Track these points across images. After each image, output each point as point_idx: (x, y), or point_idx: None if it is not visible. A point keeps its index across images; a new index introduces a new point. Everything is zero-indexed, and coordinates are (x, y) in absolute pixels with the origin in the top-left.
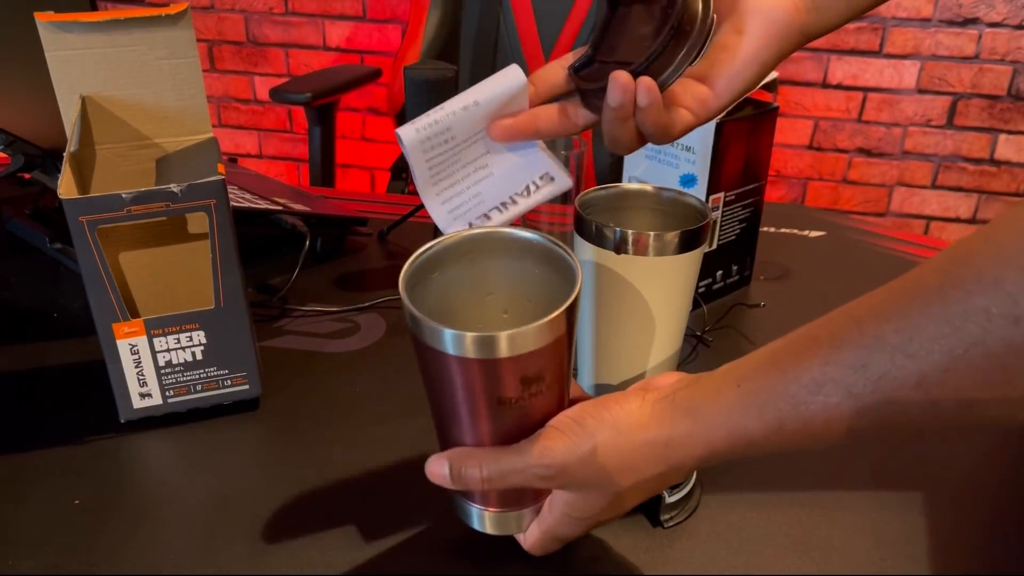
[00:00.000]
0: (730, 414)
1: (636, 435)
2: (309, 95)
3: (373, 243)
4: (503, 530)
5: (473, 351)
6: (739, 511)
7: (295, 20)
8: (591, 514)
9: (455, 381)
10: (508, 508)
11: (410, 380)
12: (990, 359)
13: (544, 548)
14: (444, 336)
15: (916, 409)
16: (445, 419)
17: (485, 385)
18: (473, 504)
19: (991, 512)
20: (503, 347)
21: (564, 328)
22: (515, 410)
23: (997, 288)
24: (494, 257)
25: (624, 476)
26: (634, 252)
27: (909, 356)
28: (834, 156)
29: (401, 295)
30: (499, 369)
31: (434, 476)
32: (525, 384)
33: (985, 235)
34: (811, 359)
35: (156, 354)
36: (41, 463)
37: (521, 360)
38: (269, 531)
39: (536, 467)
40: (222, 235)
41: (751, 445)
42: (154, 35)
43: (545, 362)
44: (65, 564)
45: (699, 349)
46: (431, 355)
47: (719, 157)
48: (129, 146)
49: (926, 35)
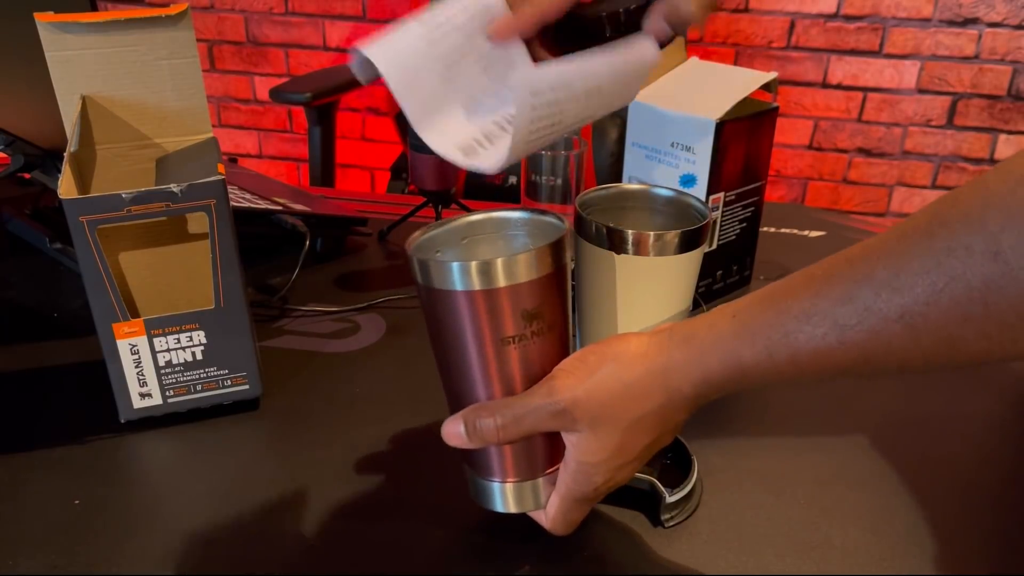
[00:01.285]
0: (724, 342)
1: (637, 365)
2: (309, 95)
3: (373, 243)
4: (522, 505)
5: (477, 280)
6: (739, 511)
7: (295, 20)
8: (605, 456)
9: (463, 322)
10: (523, 477)
11: (410, 380)
12: (970, 293)
13: (567, 517)
14: (451, 270)
15: (899, 342)
16: (455, 373)
17: (489, 321)
18: (492, 479)
19: (991, 512)
20: (500, 274)
21: (555, 265)
22: (519, 351)
23: (981, 226)
24: (490, 239)
25: (629, 406)
26: (634, 252)
27: (894, 290)
28: (834, 156)
29: (409, 252)
30: (500, 300)
31: (450, 437)
32: (526, 320)
33: (975, 182)
34: (804, 293)
35: (156, 354)
36: (41, 463)
37: (519, 291)
38: (269, 531)
39: (546, 406)
40: (222, 235)
41: (744, 373)
42: (154, 35)
43: (542, 297)
44: (65, 564)
45: None
46: (440, 299)
47: (719, 157)
48: (129, 146)
49: (926, 35)
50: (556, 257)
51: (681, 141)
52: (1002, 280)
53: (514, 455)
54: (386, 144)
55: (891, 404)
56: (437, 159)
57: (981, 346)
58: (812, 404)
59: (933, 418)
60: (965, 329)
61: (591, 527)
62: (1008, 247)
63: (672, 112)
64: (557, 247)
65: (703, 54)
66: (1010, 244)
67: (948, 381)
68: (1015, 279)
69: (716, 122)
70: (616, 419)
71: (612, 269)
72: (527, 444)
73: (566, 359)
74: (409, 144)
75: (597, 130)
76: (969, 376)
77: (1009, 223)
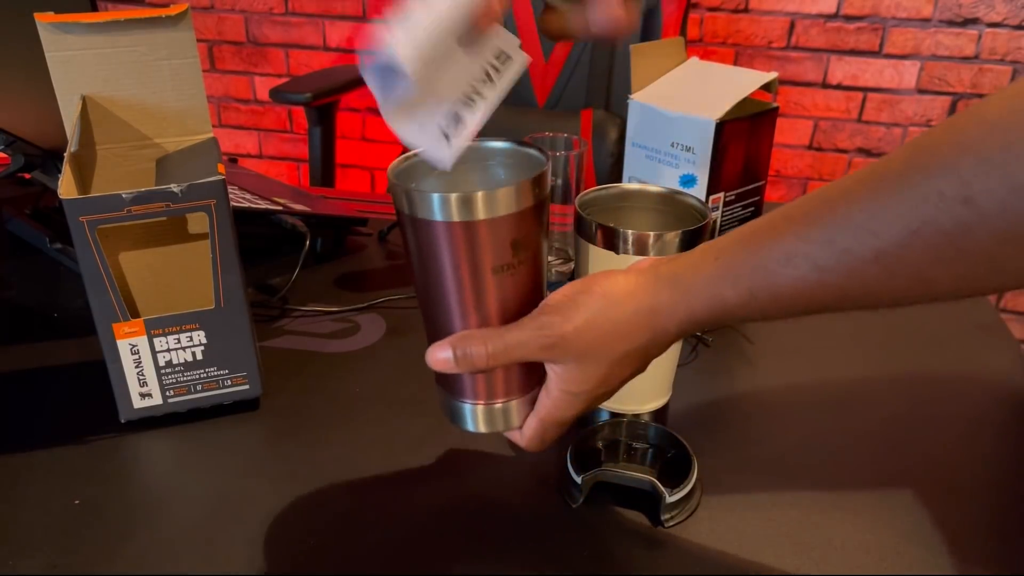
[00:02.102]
0: (708, 283)
1: (625, 304)
2: (309, 95)
3: (373, 243)
4: (493, 426)
5: (457, 212)
6: (739, 511)
7: (295, 20)
8: (588, 387)
9: (443, 251)
10: (496, 399)
11: (410, 380)
12: (942, 236)
13: (543, 438)
14: (432, 200)
15: (875, 282)
16: (435, 301)
17: (469, 252)
18: (464, 400)
19: (992, 512)
20: (480, 207)
21: (535, 199)
22: (498, 281)
23: (953, 171)
24: (468, 168)
25: (617, 343)
26: (634, 252)
27: (871, 233)
28: (834, 156)
29: (391, 180)
30: (480, 232)
31: (436, 362)
32: (505, 252)
33: (949, 124)
34: (784, 235)
35: (156, 354)
36: (41, 463)
37: (499, 223)
38: (269, 531)
39: (537, 339)
40: (222, 235)
41: (727, 312)
42: (154, 36)
43: (521, 231)
44: (65, 564)
45: (699, 349)
46: (421, 228)
47: (719, 157)
48: (129, 146)
49: (926, 35)
50: (536, 191)
51: (681, 141)
52: (972, 224)
53: (489, 379)
54: (386, 144)
55: (891, 405)
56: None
57: (953, 285)
58: (812, 404)
59: (933, 418)
60: (937, 270)
61: (591, 527)
62: (979, 192)
63: (672, 112)
64: (537, 182)
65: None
66: (981, 189)
67: (949, 382)
68: (984, 222)
69: (716, 122)
70: (603, 354)
71: (612, 269)
72: (504, 369)
73: (555, 294)
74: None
75: (597, 130)
76: (970, 376)
77: (980, 169)
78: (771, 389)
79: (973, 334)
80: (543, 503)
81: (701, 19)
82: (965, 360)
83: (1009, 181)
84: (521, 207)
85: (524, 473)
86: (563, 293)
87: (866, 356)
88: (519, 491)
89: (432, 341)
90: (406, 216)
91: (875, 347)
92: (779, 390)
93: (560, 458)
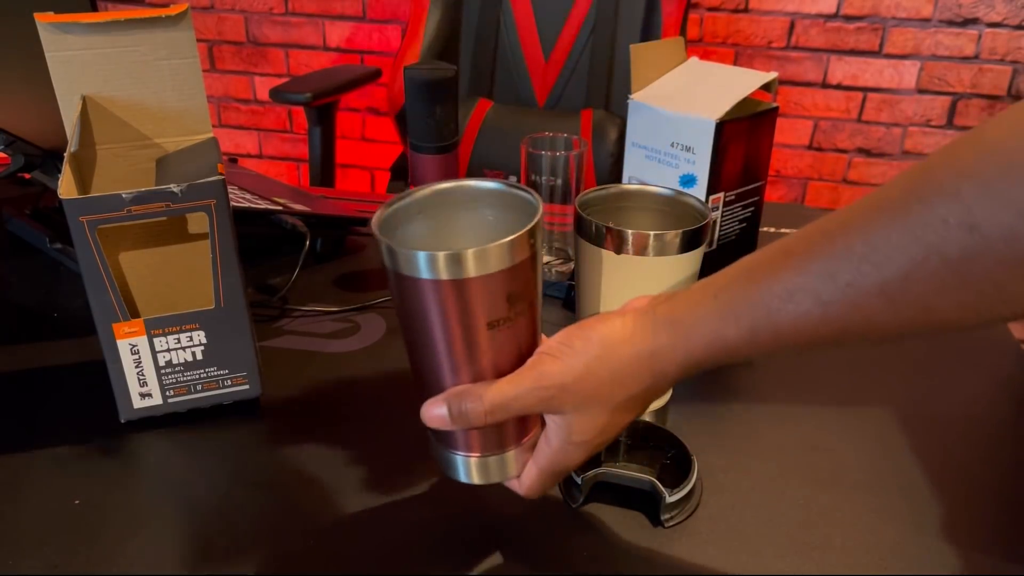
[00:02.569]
0: (708, 324)
1: (623, 349)
2: (309, 95)
3: (373, 243)
4: (488, 478)
5: (445, 271)
6: (739, 511)
7: (295, 20)
8: (590, 436)
9: (432, 309)
10: (491, 452)
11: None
12: (947, 265)
13: (543, 486)
14: (418, 259)
15: (879, 315)
16: (426, 357)
17: (460, 310)
18: (457, 452)
19: (992, 512)
20: (471, 265)
21: (528, 251)
22: (492, 337)
23: (955, 199)
24: (456, 211)
25: (617, 390)
26: (634, 252)
27: (874, 264)
28: (834, 156)
29: (376, 236)
30: (469, 290)
31: (432, 419)
32: (498, 308)
33: (947, 151)
34: (784, 270)
35: (156, 354)
36: (41, 463)
37: (491, 280)
38: (269, 531)
39: (535, 391)
40: (222, 235)
41: (728, 352)
42: (154, 36)
43: (514, 284)
44: (65, 564)
45: None
46: (408, 285)
47: (719, 157)
48: (130, 146)
49: (926, 35)
50: (530, 243)
51: (681, 141)
52: (977, 251)
53: (484, 431)
54: (386, 144)
55: (892, 404)
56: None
57: (957, 314)
58: (812, 405)
59: (934, 418)
60: (942, 299)
61: (591, 527)
62: (983, 218)
63: (672, 112)
64: (531, 233)
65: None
66: (984, 215)
67: (949, 381)
68: (990, 249)
69: (716, 122)
70: (603, 402)
71: (612, 269)
72: (498, 423)
73: (550, 341)
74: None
75: (597, 130)
76: (970, 376)
77: (983, 194)
78: (771, 389)
79: (973, 334)
80: (543, 503)
81: (701, 19)
82: (965, 360)
83: (1014, 206)
84: (515, 261)
85: None
86: (559, 340)
87: (866, 356)
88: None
89: (423, 396)
90: (391, 272)
91: (875, 347)
92: (779, 390)
93: None
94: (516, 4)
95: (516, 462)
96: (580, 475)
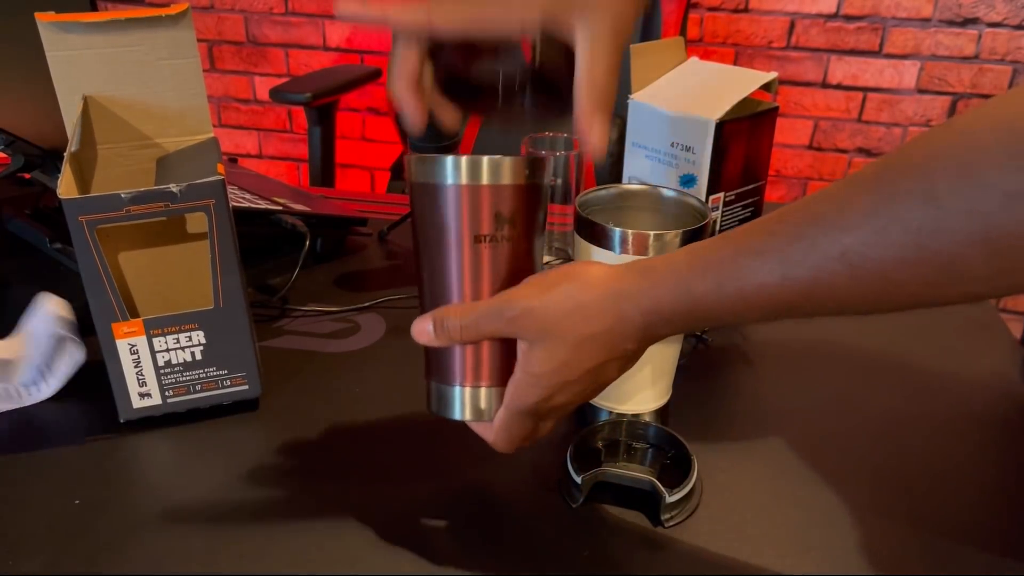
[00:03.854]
0: (677, 273)
1: (593, 288)
2: (309, 95)
3: (373, 243)
4: (475, 412)
5: (465, 173)
6: (739, 511)
7: (295, 20)
8: (549, 368)
9: (446, 214)
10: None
11: (410, 380)
12: (907, 234)
13: (509, 431)
14: (444, 162)
15: (840, 281)
16: (432, 270)
17: (469, 215)
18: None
19: (992, 512)
20: (485, 172)
21: (533, 178)
22: (490, 251)
23: (923, 174)
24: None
25: (580, 324)
26: (634, 252)
27: (839, 229)
28: (834, 156)
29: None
30: (481, 196)
31: (419, 334)
32: (500, 222)
33: (923, 136)
34: (758, 233)
35: (155, 354)
36: (41, 463)
37: (498, 191)
38: (269, 531)
39: (502, 311)
40: (222, 235)
41: (694, 305)
42: (155, 35)
43: (517, 204)
44: (65, 564)
45: (699, 349)
46: (429, 192)
47: (719, 157)
48: (130, 146)
49: (926, 35)
50: (534, 172)
51: (681, 141)
52: (936, 224)
53: (467, 363)
54: (386, 144)
55: (891, 404)
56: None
57: (917, 290)
58: (812, 404)
59: (933, 418)
60: (902, 272)
61: (591, 527)
62: (945, 191)
63: (672, 112)
64: (537, 163)
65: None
66: (946, 190)
67: (949, 381)
68: (949, 224)
69: (716, 122)
70: (564, 335)
71: None
72: (478, 349)
73: (536, 275)
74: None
75: None
76: (970, 376)
77: (947, 168)
78: (771, 389)
79: (973, 334)
80: (543, 503)
81: (701, 19)
82: (965, 360)
83: (976, 180)
84: (519, 181)
85: (524, 473)
86: (543, 274)
87: (866, 356)
88: (519, 491)
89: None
90: (417, 184)
91: (875, 347)
92: (779, 390)
93: (560, 458)
94: None
95: (496, 403)
96: (580, 475)
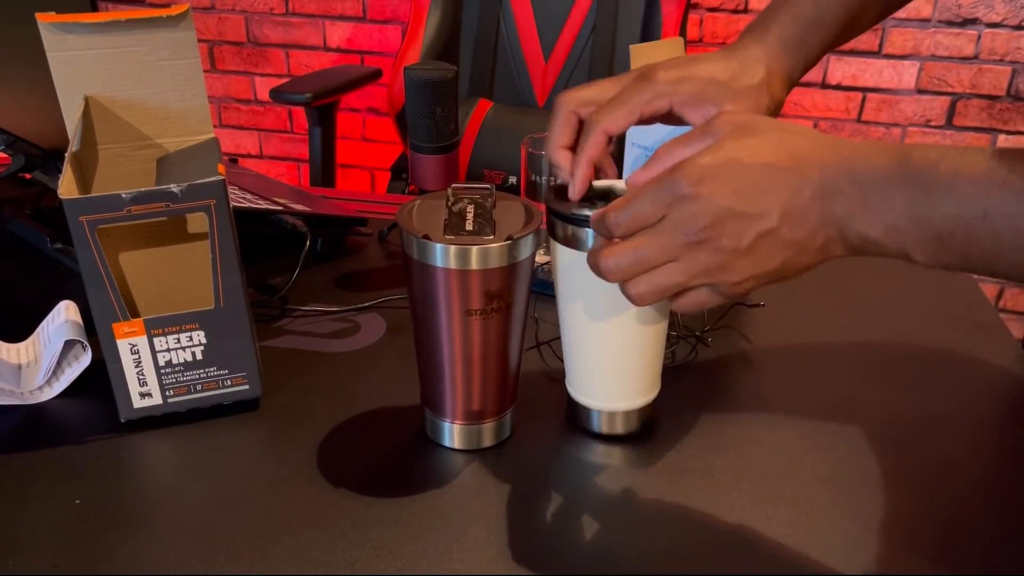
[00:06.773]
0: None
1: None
2: (309, 95)
3: (373, 243)
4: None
5: (454, 261)
6: (738, 511)
7: (295, 20)
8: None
9: (438, 292)
10: (470, 422)
11: (410, 380)
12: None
13: (696, 299)
14: (435, 249)
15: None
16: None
17: (460, 294)
18: (444, 420)
19: (992, 512)
20: (474, 259)
21: (521, 256)
22: (479, 323)
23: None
24: None
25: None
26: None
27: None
28: None
29: (400, 223)
30: (470, 279)
31: (608, 271)
32: (488, 298)
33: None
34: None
35: (156, 354)
36: (41, 463)
37: (486, 274)
38: (269, 531)
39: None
40: (222, 235)
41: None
42: (155, 36)
43: (504, 282)
44: (65, 564)
45: (698, 349)
46: (421, 271)
47: None
48: (131, 146)
49: (926, 35)
50: (520, 251)
51: None
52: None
53: (464, 396)
54: (386, 144)
55: (891, 404)
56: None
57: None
58: (812, 404)
59: (933, 418)
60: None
61: (591, 526)
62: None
63: None
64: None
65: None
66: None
67: (949, 381)
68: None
69: None
70: (761, 127)
71: (583, 268)
72: (471, 391)
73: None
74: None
75: None
76: (970, 376)
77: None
78: (770, 389)
79: (973, 334)
80: (543, 503)
81: (701, 19)
82: (965, 360)
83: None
84: (504, 263)
85: (524, 473)
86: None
87: (866, 356)
88: (518, 490)
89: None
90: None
91: (875, 347)
92: (778, 390)
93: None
94: (516, 5)
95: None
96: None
